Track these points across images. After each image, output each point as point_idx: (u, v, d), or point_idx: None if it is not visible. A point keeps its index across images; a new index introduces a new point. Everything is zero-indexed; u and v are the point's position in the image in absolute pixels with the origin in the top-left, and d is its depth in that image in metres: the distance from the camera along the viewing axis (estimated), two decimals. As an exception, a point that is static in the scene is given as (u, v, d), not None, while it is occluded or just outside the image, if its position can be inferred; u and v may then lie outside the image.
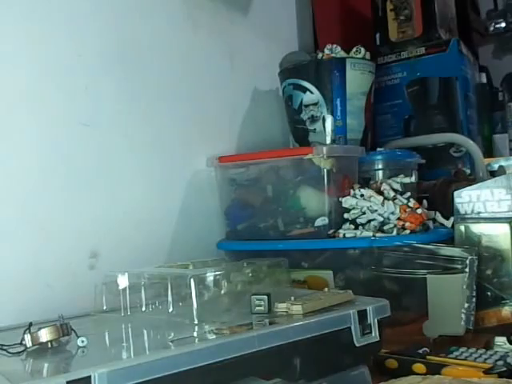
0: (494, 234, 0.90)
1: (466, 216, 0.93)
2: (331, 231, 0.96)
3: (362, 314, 0.65)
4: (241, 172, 1.07)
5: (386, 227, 0.94)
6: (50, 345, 0.57)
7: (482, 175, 1.18)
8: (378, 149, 1.14)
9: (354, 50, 1.11)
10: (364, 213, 0.96)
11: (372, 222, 0.95)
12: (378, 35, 1.41)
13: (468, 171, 1.26)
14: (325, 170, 0.96)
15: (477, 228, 0.91)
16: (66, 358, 0.57)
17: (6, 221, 0.81)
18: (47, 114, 0.87)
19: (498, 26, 1.70)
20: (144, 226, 0.98)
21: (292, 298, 0.66)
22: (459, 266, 0.86)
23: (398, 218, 0.94)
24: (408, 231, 0.94)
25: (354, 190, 0.98)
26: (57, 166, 0.88)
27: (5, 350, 0.57)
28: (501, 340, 0.78)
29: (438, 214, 1.02)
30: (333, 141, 1.09)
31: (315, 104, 1.10)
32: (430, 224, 1.00)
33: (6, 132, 0.82)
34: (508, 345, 0.77)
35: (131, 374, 0.48)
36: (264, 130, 1.24)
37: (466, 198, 0.94)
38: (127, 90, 0.98)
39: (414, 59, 1.33)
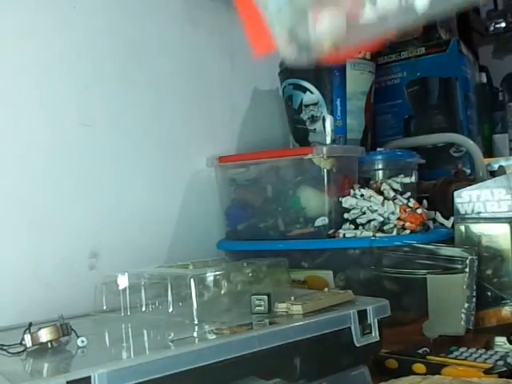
0: (493, 234, 0.90)
1: (466, 216, 0.93)
2: (331, 231, 0.96)
3: (362, 314, 0.65)
4: (241, 172, 1.07)
5: (386, 227, 0.94)
6: (50, 345, 0.57)
7: (482, 175, 1.18)
8: (378, 149, 1.14)
9: (354, 49, 1.11)
10: (364, 213, 0.96)
11: (372, 222, 0.95)
12: (378, 35, 1.41)
13: (468, 171, 1.26)
14: (325, 170, 0.96)
15: (477, 228, 0.91)
16: (65, 357, 0.57)
17: (7, 221, 0.81)
18: (48, 114, 0.87)
19: (498, 25, 1.70)
20: (144, 226, 0.98)
21: (292, 298, 0.66)
22: (459, 266, 0.86)
23: (398, 218, 0.94)
24: (408, 231, 0.94)
25: (354, 190, 0.98)
26: (57, 166, 0.88)
27: (5, 350, 0.57)
28: (501, 340, 0.78)
29: (438, 214, 1.02)
30: (333, 141, 1.09)
31: (315, 104, 1.10)
32: (430, 224, 1.00)
33: (7, 132, 0.82)
34: (508, 345, 0.77)
35: (131, 373, 0.48)
36: (264, 130, 1.24)
37: (466, 198, 0.94)
38: (127, 90, 0.98)
39: (413, 59, 1.33)
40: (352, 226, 0.96)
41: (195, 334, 0.61)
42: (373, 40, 0.36)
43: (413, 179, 1.06)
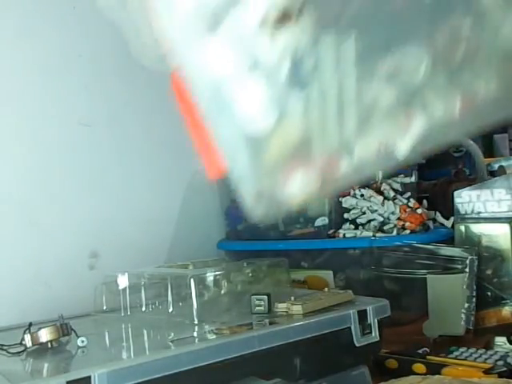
0: (494, 234, 0.90)
1: (466, 216, 0.93)
2: (331, 231, 0.96)
3: (362, 314, 0.65)
4: (241, 172, 1.07)
5: (386, 227, 0.94)
6: (49, 345, 0.57)
7: (482, 175, 1.18)
8: (378, 149, 1.13)
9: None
10: (364, 213, 0.96)
11: (372, 222, 0.95)
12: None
13: (468, 171, 1.25)
14: (325, 170, 0.96)
15: (477, 228, 0.91)
16: (66, 358, 0.57)
17: (8, 221, 0.81)
18: (48, 114, 0.87)
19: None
20: (144, 226, 0.98)
21: (292, 298, 0.66)
22: (459, 266, 0.86)
23: (398, 218, 0.94)
24: (408, 231, 0.94)
25: (354, 189, 0.98)
26: (57, 166, 0.88)
27: (5, 350, 0.57)
28: (501, 340, 0.78)
29: (438, 214, 1.02)
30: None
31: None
32: (430, 224, 1.00)
33: (7, 133, 0.82)
34: (508, 345, 0.77)
35: (131, 373, 0.48)
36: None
37: (466, 198, 0.94)
38: (127, 89, 0.98)
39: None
40: (352, 226, 0.96)
41: (195, 334, 0.61)
42: (348, 186, 0.35)
43: (413, 179, 1.06)
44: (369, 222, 0.95)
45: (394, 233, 0.94)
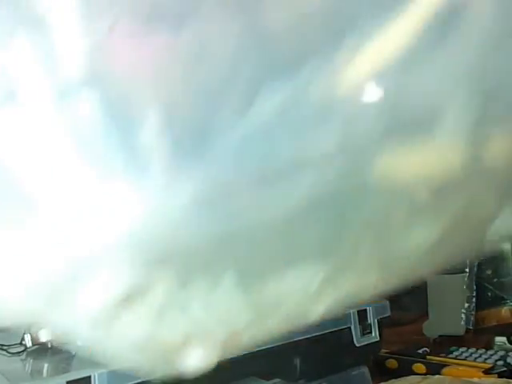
0: (494, 234, 0.90)
1: (466, 216, 0.93)
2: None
3: (362, 314, 0.65)
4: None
5: (386, 227, 0.94)
6: (49, 345, 0.57)
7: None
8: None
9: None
10: (364, 213, 0.96)
11: (372, 222, 0.95)
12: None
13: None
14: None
15: (477, 228, 0.91)
16: (66, 357, 0.57)
17: None
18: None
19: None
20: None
21: (292, 298, 0.66)
22: (459, 266, 0.86)
23: (398, 218, 0.94)
24: (408, 231, 0.94)
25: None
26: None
27: (5, 349, 0.57)
28: (501, 340, 0.78)
29: (438, 214, 1.02)
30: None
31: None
32: (430, 224, 1.00)
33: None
34: (508, 345, 0.77)
35: (131, 373, 0.48)
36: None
37: (466, 198, 0.94)
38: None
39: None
40: (352, 226, 0.96)
41: (195, 334, 0.61)
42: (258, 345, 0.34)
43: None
44: (369, 222, 0.95)
45: (394, 233, 0.94)
